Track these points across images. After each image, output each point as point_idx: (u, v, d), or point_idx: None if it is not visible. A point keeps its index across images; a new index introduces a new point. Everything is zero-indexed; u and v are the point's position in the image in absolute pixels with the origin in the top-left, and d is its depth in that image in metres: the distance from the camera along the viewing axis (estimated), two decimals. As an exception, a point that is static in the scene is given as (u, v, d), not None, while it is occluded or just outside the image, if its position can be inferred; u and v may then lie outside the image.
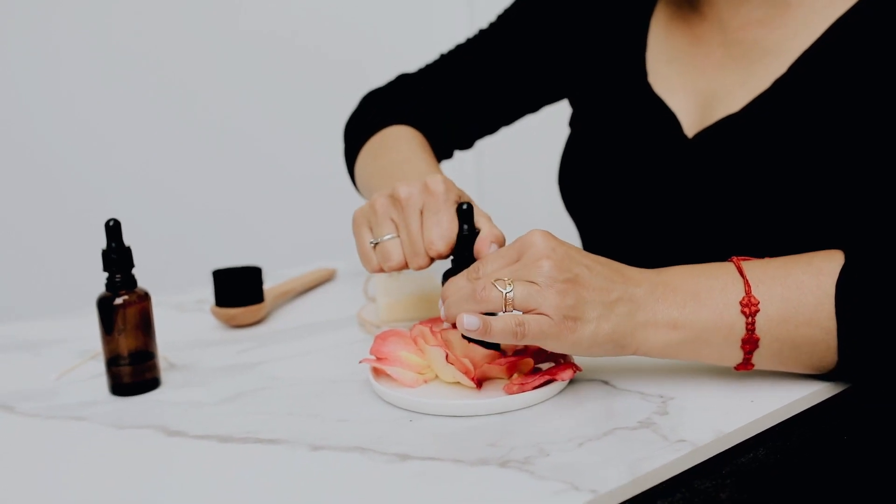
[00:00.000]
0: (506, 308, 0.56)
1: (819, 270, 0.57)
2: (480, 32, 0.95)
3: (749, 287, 0.57)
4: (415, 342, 0.63)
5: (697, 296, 0.58)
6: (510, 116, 0.96)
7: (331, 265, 1.05)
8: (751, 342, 0.57)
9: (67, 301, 1.16)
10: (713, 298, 0.57)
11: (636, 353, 0.58)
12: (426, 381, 0.62)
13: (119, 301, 0.64)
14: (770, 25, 0.72)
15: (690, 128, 0.75)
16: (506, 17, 0.94)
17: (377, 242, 0.66)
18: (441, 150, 0.93)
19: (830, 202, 0.65)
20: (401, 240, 0.65)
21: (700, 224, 0.73)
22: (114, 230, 0.64)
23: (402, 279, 0.79)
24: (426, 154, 0.83)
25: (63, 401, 0.65)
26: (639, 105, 0.80)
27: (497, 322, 0.55)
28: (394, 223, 0.66)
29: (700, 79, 0.77)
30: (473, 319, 0.56)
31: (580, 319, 0.56)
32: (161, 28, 1.81)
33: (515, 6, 0.93)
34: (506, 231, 0.65)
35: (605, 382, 0.62)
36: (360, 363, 0.66)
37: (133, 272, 0.65)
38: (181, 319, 0.87)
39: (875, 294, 0.55)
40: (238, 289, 0.82)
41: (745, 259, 0.60)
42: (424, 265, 0.64)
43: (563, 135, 0.92)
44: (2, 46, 1.76)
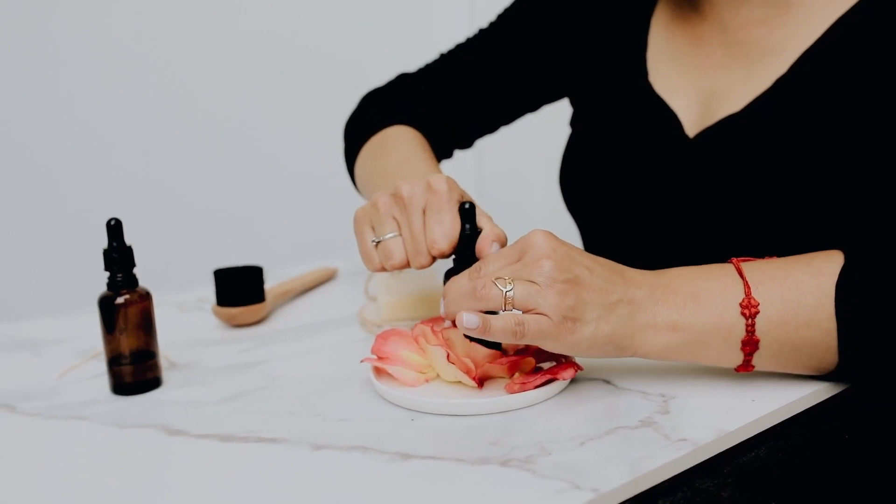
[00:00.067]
0: (505, 307, 0.56)
1: (819, 271, 0.57)
2: (480, 32, 0.94)
3: (749, 288, 0.57)
4: (416, 341, 0.63)
5: (697, 298, 0.58)
6: (510, 116, 0.96)
7: (332, 264, 1.05)
8: (751, 344, 0.57)
9: (68, 301, 1.16)
10: (713, 300, 0.57)
11: (635, 355, 0.58)
12: (427, 381, 0.62)
13: (120, 300, 0.64)
14: (771, 25, 0.72)
15: (691, 127, 0.75)
16: (506, 17, 0.94)
17: (379, 241, 0.66)
18: (441, 150, 0.93)
19: (831, 202, 0.65)
20: (403, 238, 0.65)
21: (701, 224, 0.73)
22: (115, 229, 0.64)
23: (404, 278, 0.79)
24: (426, 154, 0.83)
25: (64, 400, 0.65)
26: (640, 105, 0.80)
27: (497, 321, 0.55)
28: (396, 222, 0.66)
29: (701, 78, 0.77)
30: (473, 318, 0.56)
31: (579, 320, 0.56)
32: (161, 28, 1.81)
33: (516, 5, 0.93)
34: (506, 231, 0.65)
35: (607, 381, 0.62)
36: (362, 362, 0.66)
37: (134, 271, 0.65)
38: (182, 319, 0.87)
39: (875, 294, 0.55)
40: (239, 288, 0.82)
41: (745, 260, 0.60)
42: (426, 264, 0.64)
43: (564, 134, 0.92)
44: (2, 46, 1.77)
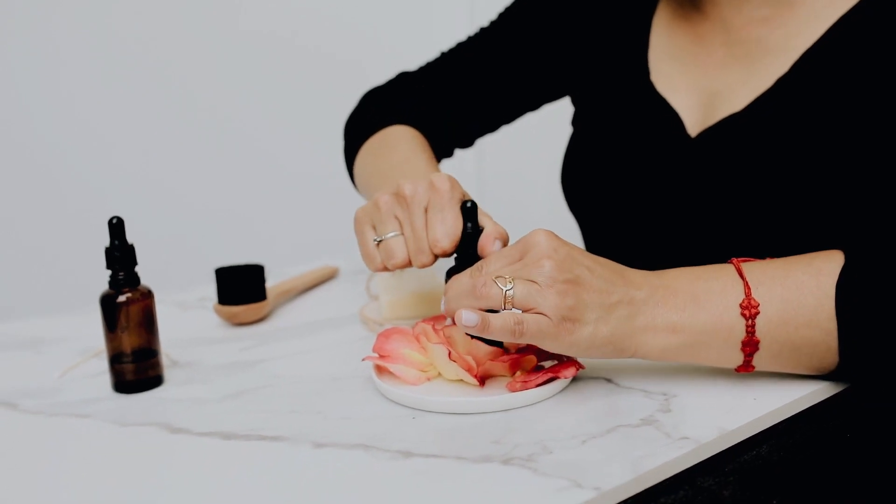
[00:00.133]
0: (505, 306, 0.56)
1: (819, 271, 0.57)
2: (481, 30, 0.94)
3: (749, 289, 0.57)
4: (417, 340, 0.63)
5: (697, 299, 0.57)
6: (511, 114, 0.96)
7: (333, 263, 1.05)
8: (751, 344, 0.57)
9: (68, 300, 1.16)
10: (713, 301, 0.57)
11: (634, 356, 0.58)
12: (429, 379, 0.62)
13: (122, 298, 0.64)
14: (772, 24, 0.72)
15: (693, 127, 0.75)
16: (507, 15, 0.93)
17: (381, 240, 0.66)
18: (441, 149, 0.93)
19: (832, 201, 0.65)
20: (405, 237, 0.65)
21: (703, 223, 0.73)
22: (117, 228, 0.64)
23: (405, 277, 0.79)
24: (426, 155, 0.82)
25: (66, 398, 0.65)
26: (641, 104, 0.80)
27: (496, 319, 0.55)
28: (398, 221, 0.66)
29: (702, 78, 0.77)
30: (472, 315, 0.55)
31: (579, 321, 0.55)
32: (161, 28, 1.81)
33: (517, 4, 0.93)
34: (507, 230, 0.65)
35: (608, 380, 0.62)
36: (363, 361, 0.66)
37: (136, 270, 0.65)
38: (183, 317, 0.87)
39: (875, 294, 0.55)
40: (240, 287, 0.82)
41: (745, 260, 0.60)
42: (429, 263, 0.64)
43: (565, 133, 0.92)
44: (2, 46, 1.77)
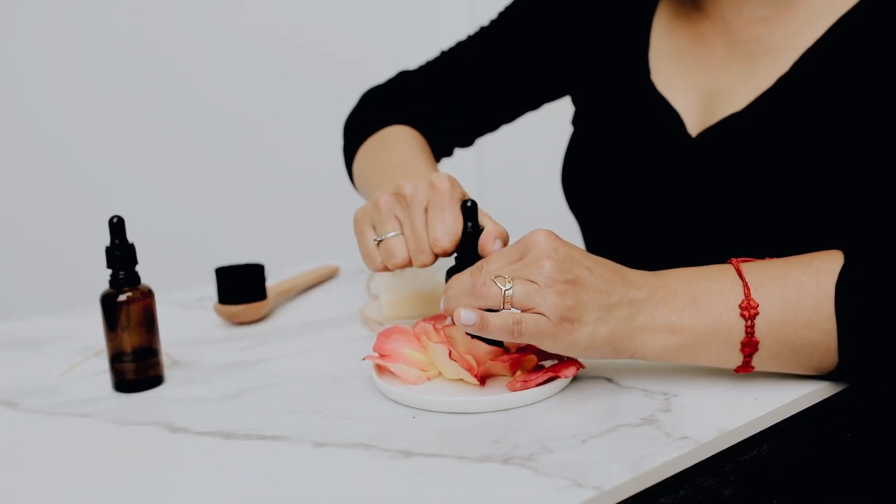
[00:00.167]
0: (504, 305, 0.56)
1: (819, 271, 0.57)
2: (481, 29, 0.94)
3: (748, 290, 0.57)
4: (418, 339, 0.63)
5: (696, 300, 0.57)
6: (511, 114, 0.96)
7: (333, 263, 1.05)
8: (750, 345, 0.57)
9: (68, 299, 1.17)
10: (712, 302, 0.57)
11: (633, 357, 0.58)
12: (429, 378, 0.62)
13: (123, 298, 0.64)
14: (773, 24, 0.72)
15: (694, 126, 0.75)
16: (507, 14, 0.93)
17: (381, 240, 0.66)
18: (441, 148, 0.93)
19: (833, 201, 0.65)
20: (405, 237, 0.65)
21: (703, 223, 0.73)
22: (117, 227, 0.64)
23: (406, 277, 0.79)
24: (425, 155, 0.82)
25: (66, 397, 0.65)
26: (642, 104, 0.80)
27: (495, 319, 0.55)
28: (398, 220, 0.66)
29: (703, 77, 0.77)
30: (471, 314, 0.55)
31: (578, 321, 0.55)
32: (161, 28, 1.81)
33: (517, 3, 0.93)
34: (507, 229, 0.65)
35: (609, 380, 0.62)
36: (363, 360, 0.66)
37: (136, 269, 0.65)
38: (184, 317, 0.87)
39: (875, 295, 0.55)
40: (241, 286, 0.82)
41: (745, 260, 0.60)
42: (429, 262, 0.64)
43: (565, 133, 0.92)
44: (2, 46, 1.76)
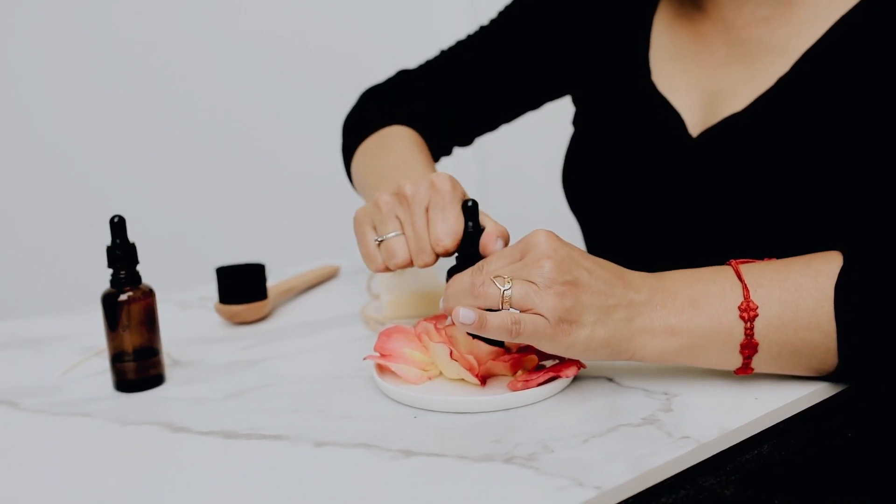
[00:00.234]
0: (503, 305, 0.55)
1: (818, 272, 0.57)
2: (482, 28, 0.94)
3: (747, 292, 0.57)
4: (419, 339, 0.63)
5: (696, 302, 0.57)
6: (511, 113, 0.96)
7: (334, 262, 1.05)
8: (750, 347, 0.57)
9: (69, 299, 1.17)
10: (711, 304, 0.57)
11: (632, 359, 0.58)
12: (430, 378, 0.62)
13: (124, 297, 0.64)
14: (773, 24, 0.72)
15: (695, 127, 0.75)
16: (508, 14, 0.93)
17: (382, 240, 0.66)
18: (441, 147, 0.93)
19: (833, 201, 0.65)
20: (406, 237, 0.65)
21: (704, 223, 0.73)
22: (119, 227, 0.64)
23: (407, 276, 0.79)
24: (423, 156, 0.82)
25: (67, 397, 0.65)
26: (643, 104, 0.80)
27: (493, 318, 0.55)
28: (399, 220, 0.66)
29: (704, 77, 0.77)
30: (469, 313, 0.55)
31: (576, 323, 0.55)
32: (161, 28, 1.81)
33: (517, 2, 0.93)
34: (508, 230, 0.65)
35: (610, 379, 0.62)
36: (364, 360, 0.66)
37: (137, 269, 0.65)
38: (184, 316, 0.87)
39: (874, 296, 0.55)
40: (241, 286, 0.82)
41: (744, 262, 0.60)
42: (430, 262, 0.64)
43: (566, 133, 0.92)
44: (2, 46, 1.76)
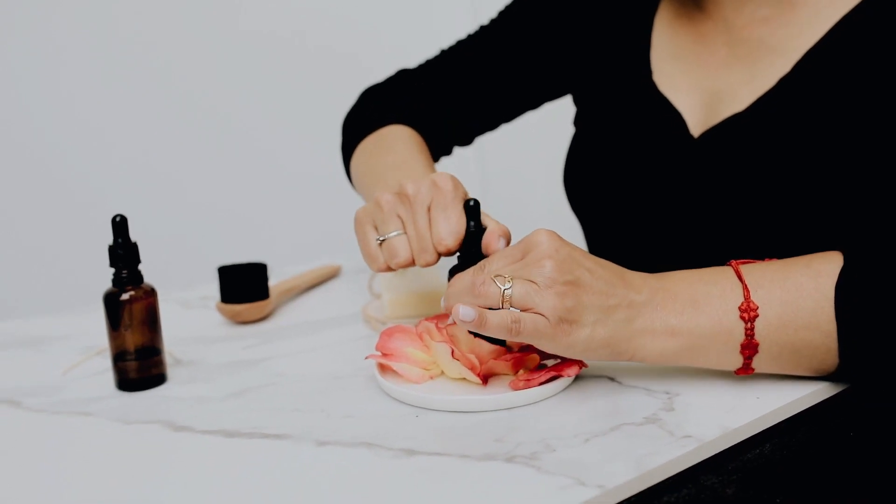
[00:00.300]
0: (503, 305, 0.55)
1: (818, 273, 0.57)
2: (482, 28, 0.94)
3: (748, 292, 0.57)
4: (420, 338, 0.63)
5: (696, 303, 0.57)
6: (511, 113, 0.96)
7: (335, 262, 1.05)
8: (750, 347, 0.57)
9: (71, 298, 1.17)
10: (712, 305, 0.57)
11: (632, 360, 0.58)
12: (432, 377, 0.62)
13: (125, 297, 0.64)
14: (774, 24, 0.72)
15: (696, 127, 0.75)
16: (508, 13, 0.93)
17: (384, 239, 0.66)
18: (441, 147, 0.93)
19: (834, 201, 0.65)
20: (408, 236, 0.65)
21: (705, 223, 0.73)
22: (120, 226, 0.64)
23: (408, 276, 0.79)
24: (423, 156, 0.82)
25: (69, 396, 0.65)
26: (644, 104, 0.79)
27: (493, 316, 0.55)
28: (400, 220, 0.66)
29: (705, 78, 0.77)
30: (469, 310, 0.55)
31: (576, 323, 0.55)
32: (161, 28, 1.81)
33: (518, 2, 0.93)
34: (510, 230, 0.65)
35: (611, 379, 0.62)
36: (366, 359, 0.66)
37: (139, 268, 0.65)
38: (186, 316, 0.87)
39: (874, 296, 0.55)
40: (243, 285, 0.82)
41: (744, 262, 0.60)
42: (432, 261, 0.64)
43: (566, 133, 0.92)
44: (2, 46, 1.77)
